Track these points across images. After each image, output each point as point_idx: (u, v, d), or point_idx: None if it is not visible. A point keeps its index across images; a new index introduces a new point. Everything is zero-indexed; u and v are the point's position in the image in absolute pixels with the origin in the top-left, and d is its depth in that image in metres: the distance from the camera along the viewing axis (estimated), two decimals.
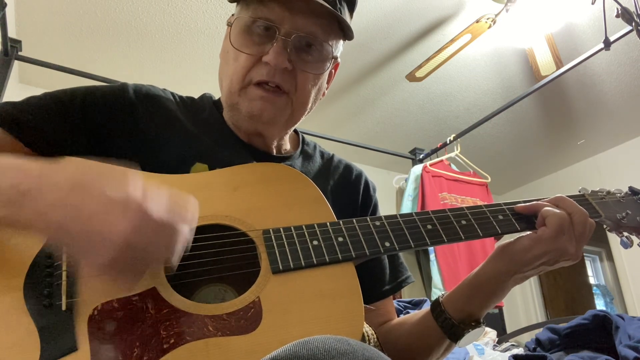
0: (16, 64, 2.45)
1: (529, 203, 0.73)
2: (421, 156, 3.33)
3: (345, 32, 0.79)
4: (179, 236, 0.50)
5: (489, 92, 3.37)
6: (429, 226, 0.68)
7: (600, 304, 4.92)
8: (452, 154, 3.10)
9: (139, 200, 0.48)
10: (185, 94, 0.87)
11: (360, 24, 2.69)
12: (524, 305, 4.66)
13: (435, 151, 3.22)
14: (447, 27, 2.77)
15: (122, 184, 0.48)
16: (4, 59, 2.20)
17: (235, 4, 0.80)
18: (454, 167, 3.17)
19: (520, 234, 0.72)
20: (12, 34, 2.35)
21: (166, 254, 0.49)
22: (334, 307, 0.58)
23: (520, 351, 1.60)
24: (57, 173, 0.49)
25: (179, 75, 3.08)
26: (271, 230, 0.64)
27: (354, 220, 0.67)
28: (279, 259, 0.60)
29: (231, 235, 0.63)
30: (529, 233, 0.69)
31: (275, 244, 0.62)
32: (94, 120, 0.72)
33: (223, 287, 0.66)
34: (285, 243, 0.62)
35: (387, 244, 0.66)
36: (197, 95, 0.89)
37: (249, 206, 0.66)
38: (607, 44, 2.18)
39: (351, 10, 0.82)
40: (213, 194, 0.66)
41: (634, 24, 1.95)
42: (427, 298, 2.02)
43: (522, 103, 3.07)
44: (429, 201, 2.84)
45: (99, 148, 0.71)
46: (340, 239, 0.64)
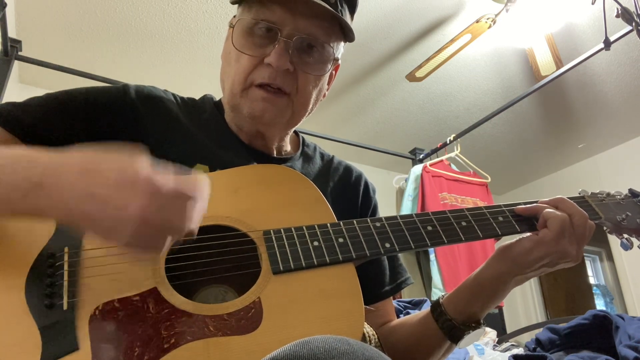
0: (16, 64, 2.45)
1: (529, 205, 0.73)
2: (421, 156, 3.33)
3: (347, 34, 0.79)
4: (192, 203, 0.51)
5: (489, 92, 3.38)
6: (429, 227, 0.69)
7: (600, 304, 4.92)
8: (452, 154, 3.10)
9: (148, 176, 0.48)
10: (186, 94, 0.87)
11: (360, 24, 2.69)
12: (524, 305, 4.66)
13: (435, 151, 3.22)
14: (447, 27, 2.77)
15: (129, 164, 0.49)
16: (4, 59, 2.20)
17: (237, 5, 0.80)
18: (454, 167, 3.17)
19: (520, 236, 0.72)
20: (12, 34, 2.34)
21: (182, 222, 0.50)
22: (335, 307, 0.58)
23: (520, 351, 1.60)
24: (65, 161, 0.50)
25: (178, 75, 3.08)
26: (272, 231, 0.64)
27: (355, 221, 0.67)
28: (279, 259, 0.61)
29: (232, 236, 0.63)
30: (530, 235, 0.69)
31: (275, 244, 0.62)
32: (95, 121, 0.72)
33: (224, 287, 0.66)
34: (286, 244, 0.62)
35: (388, 245, 0.66)
36: (198, 96, 0.89)
37: (250, 207, 0.66)
38: (607, 44, 2.18)
39: (352, 12, 0.82)
40: (214, 195, 0.66)
41: (634, 24, 1.95)
42: (427, 298, 2.02)
43: (522, 103, 3.07)
44: (429, 201, 2.84)
45: None
46: (341, 239, 0.64)
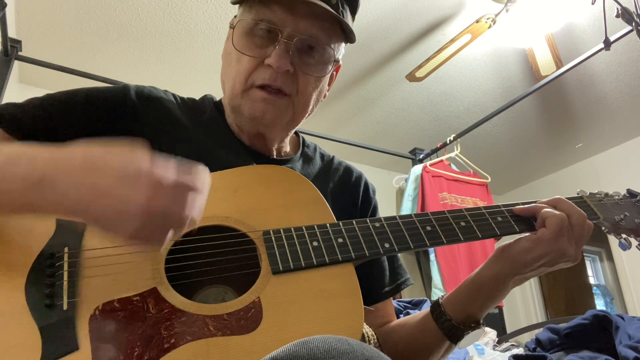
0: (16, 64, 2.45)
1: (527, 205, 0.73)
2: (421, 156, 3.33)
3: (348, 35, 0.79)
4: (193, 194, 0.51)
5: (489, 92, 3.38)
6: (428, 227, 0.69)
7: (600, 304, 4.92)
8: (452, 154, 3.10)
9: (149, 168, 0.49)
10: (186, 94, 0.87)
11: (360, 24, 2.69)
12: (524, 305, 4.66)
13: (435, 151, 3.22)
14: (447, 27, 2.77)
15: (131, 158, 0.50)
16: (4, 59, 2.20)
17: (238, 5, 0.80)
18: (454, 167, 3.17)
19: (519, 236, 0.72)
20: (12, 34, 2.34)
21: (184, 213, 0.50)
22: (334, 307, 0.58)
23: (520, 351, 1.60)
24: (67, 156, 0.50)
25: (178, 75, 3.08)
26: (271, 231, 0.64)
27: (354, 222, 0.67)
28: (279, 259, 0.61)
29: (231, 236, 0.63)
30: (529, 234, 0.69)
31: (275, 244, 0.62)
32: (95, 121, 0.72)
33: (223, 288, 0.66)
34: (286, 244, 0.63)
35: (387, 245, 0.66)
36: (198, 96, 0.89)
37: (249, 207, 0.66)
38: (607, 44, 2.18)
39: (353, 13, 0.82)
40: (213, 195, 0.66)
41: (634, 24, 1.95)
42: (427, 298, 2.02)
43: (522, 103, 3.07)
44: (429, 201, 2.84)
45: None
46: (340, 239, 0.64)
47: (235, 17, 0.81)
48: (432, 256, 2.76)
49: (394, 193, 3.15)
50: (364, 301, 0.75)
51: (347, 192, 0.88)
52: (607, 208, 0.78)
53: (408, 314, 1.68)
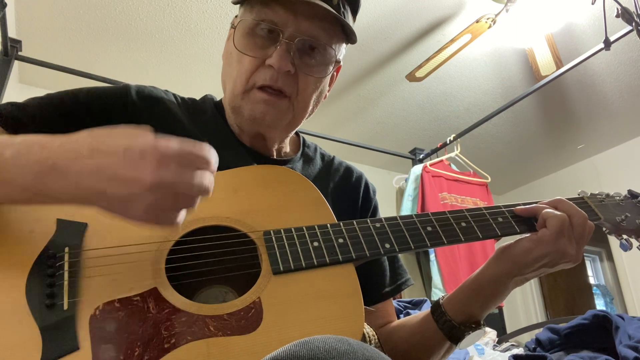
0: (16, 64, 2.45)
1: (528, 205, 0.73)
2: (421, 156, 3.33)
3: (349, 36, 0.79)
4: (201, 161, 0.51)
5: (489, 92, 3.38)
6: (429, 228, 0.69)
7: (600, 304, 4.92)
8: (452, 154, 3.10)
9: (153, 144, 0.49)
10: (186, 94, 0.87)
11: (360, 24, 2.69)
12: (524, 306, 4.66)
13: (435, 151, 3.22)
14: (447, 27, 2.78)
15: (133, 136, 0.50)
16: (4, 59, 2.20)
17: (239, 5, 0.80)
18: (454, 167, 3.17)
19: (519, 236, 0.72)
20: (12, 34, 2.34)
21: (194, 182, 0.50)
22: (334, 307, 0.58)
23: (520, 351, 1.60)
24: (75, 143, 0.51)
25: (179, 75, 3.08)
26: (272, 231, 0.64)
27: (354, 222, 0.67)
28: (279, 260, 0.61)
29: (232, 236, 0.63)
30: (529, 235, 0.69)
31: (275, 245, 0.62)
32: (96, 121, 0.72)
33: (224, 288, 0.66)
34: (286, 244, 0.62)
35: (387, 246, 0.66)
36: (198, 96, 0.89)
37: (250, 208, 0.66)
38: (607, 44, 2.18)
39: (354, 14, 0.82)
40: (214, 195, 0.66)
41: (634, 24, 1.95)
42: (427, 298, 2.02)
43: (522, 103, 3.07)
44: (429, 201, 2.84)
45: None
46: (341, 240, 0.64)
47: (236, 17, 0.81)
48: (432, 256, 2.76)
49: (394, 193, 3.15)
50: (364, 301, 0.75)
51: (347, 193, 0.88)
52: (608, 209, 0.78)
53: (408, 314, 1.68)
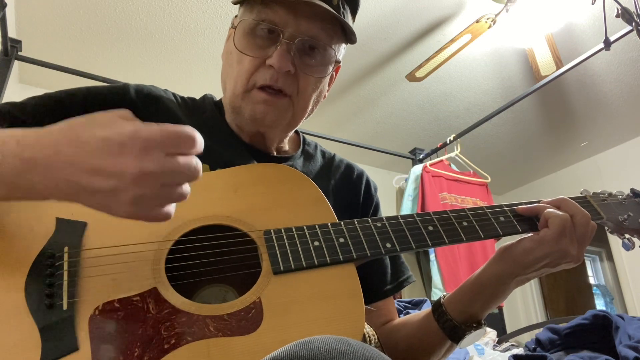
0: (16, 64, 2.45)
1: (530, 204, 0.73)
2: (421, 156, 3.33)
3: (348, 36, 0.79)
4: (186, 144, 0.48)
5: (489, 92, 3.37)
6: (430, 227, 0.68)
7: (600, 304, 4.92)
8: (452, 154, 3.10)
9: (132, 132, 0.46)
10: (186, 94, 0.87)
11: (360, 24, 2.69)
12: (524, 305, 4.66)
13: (435, 151, 3.22)
14: (447, 27, 2.77)
15: (112, 125, 0.48)
16: (4, 59, 2.20)
17: (238, 5, 0.80)
18: (454, 167, 3.17)
19: (521, 236, 0.72)
20: (12, 34, 2.34)
21: (181, 167, 0.47)
22: (335, 307, 0.58)
23: (520, 351, 1.60)
24: (51, 135, 0.48)
25: (178, 75, 3.08)
26: (272, 230, 0.64)
27: (355, 221, 0.67)
28: (280, 259, 0.60)
29: (232, 235, 0.63)
30: (531, 235, 0.69)
31: (276, 244, 0.62)
32: None
33: (224, 287, 0.66)
34: (287, 244, 0.62)
35: (389, 245, 0.65)
36: (198, 96, 0.89)
37: (250, 207, 0.66)
38: (607, 44, 2.18)
39: (353, 14, 0.82)
40: (214, 194, 0.66)
41: (634, 24, 1.95)
42: (427, 298, 2.02)
43: (522, 103, 3.07)
44: (429, 201, 2.84)
45: None
46: (342, 239, 0.64)
47: (236, 16, 0.81)
48: (432, 256, 2.76)
49: (394, 193, 3.15)
50: (366, 299, 0.75)
51: (348, 190, 0.88)
52: (611, 208, 0.78)
53: (408, 313, 1.68)
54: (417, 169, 3.02)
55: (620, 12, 1.93)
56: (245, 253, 0.62)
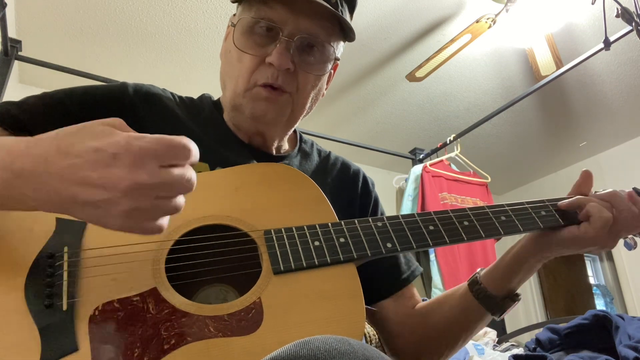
0: (16, 64, 2.45)
1: (572, 198, 0.73)
2: (421, 156, 3.33)
3: (347, 34, 0.79)
4: (181, 154, 0.46)
5: (489, 92, 3.37)
6: (431, 227, 0.68)
7: (600, 304, 4.92)
8: (452, 154, 3.10)
9: (125, 143, 0.45)
10: (185, 94, 0.87)
11: (360, 24, 2.68)
12: (524, 305, 4.65)
13: (435, 151, 3.22)
14: (447, 27, 2.77)
15: (103, 135, 0.46)
16: (4, 59, 2.20)
17: (237, 4, 0.80)
18: (454, 167, 3.17)
19: (521, 235, 0.72)
20: (12, 34, 2.34)
21: (175, 179, 0.46)
22: (335, 307, 0.58)
23: (520, 351, 1.60)
24: (41, 144, 0.47)
25: (178, 75, 3.07)
26: (272, 230, 0.63)
27: (356, 221, 0.67)
28: (280, 259, 0.60)
29: (232, 235, 0.63)
30: (571, 227, 0.70)
31: (276, 244, 0.62)
32: (93, 119, 0.72)
33: (224, 287, 0.66)
34: (287, 243, 0.62)
35: (389, 245, 0.65)
36: (197, 96, 0.89)
37: (250, 206, 0.66)
38: (607, 44, 2.18)
39: (351, 11, 0.82)
40: (214, 194, 0.66)
41: (634, 24, 1.95)
42: (427, 298, 2.02)
43: (522, 103, 3.07)
44: (429, 201, 2.84)
45: None
46: (342, 239, 0.64)
47: (234, 15, 0.81)
48: (432, 256, 2.76)
49: (394, 193, 3.15)
50: (385, 292, 0.76)
51: (345, 187, 0.89)
52: None
53: None
54: (417, 169, 3.02)
55: (620, 12, 1.93)
56: (246, 253, 0.62)
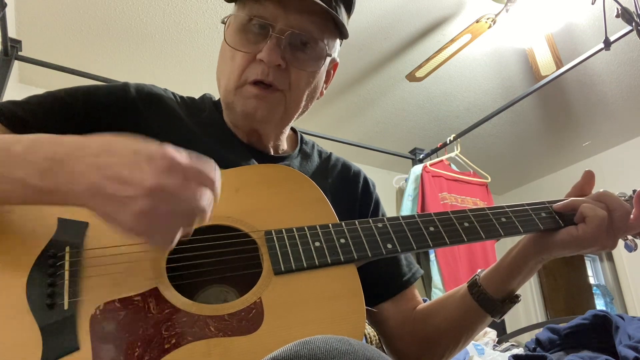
0: (16, 64, 2.45)
1: (566, 200, 0.73)
2: (421, 156, 3.33)
3: (341, 31, 0.79)
4: (207, 180, 0.51)
5: (489, 92, 3.37)
6: (432, 228, 0.68)
7: (600, 304, 4.91)
8: (452, 154, 3.10)
9: (163, 151, 0.49)
10: (185, 94, 0.88)
11: (360, 24, 2.69)
12: (524, 305, 4.65)
13: (435, 151, 3.22)
14: (447, 27, 2.77)
15: (144, 144, 0.51)
16: (4, 59, 2.20)
17: (233, 3, 0.81)
18: (454, 167, 3.17)
19: (521, 236, 0.72)
20: (12, 34, 2.34)
21: (196, 200, 0.49)
22: (336, 308, 0.58)
23: (520, 351, 1.60)
24: (85, 142, 0.51)
25: (178, 75, 3.08)
26: (273, 231, 0.64)
27: (357, 222, 0.67)
28: (280, 260, 0.61)
29: (233, 236, 0.63)
30: (568, 228, 0.70)
31: (277, 245, 0.62)
32: (95, 119, 0.72)
33: (225, 288, 0.66)
34: (287, 244, 0.62)
35: (390, 246, 0.66)
36: (197, 95, 0.89)
37: (251, 207, 0.66)
38: (607, 44, 2.18)
39: (348, 10, 0.82)
40: None
41: (634, 24, 1.95)
42: (427, 298, 2.02)
43: (522, 103, 3.07)
44: (429, 201, 2.84)
45: None
46: (342, 240, 0.64)
47: (230, 15, 0.81)
48: (432, 256, 2.76)
49: (394, 193, 3.16)
50: (387, 293, 0.77)
51: (346, 188, 0.89)
52: None
53: None
54: (417, 169, 3.02)
55: (620, 12, 1.93)
56: (246, 253, 0.62)
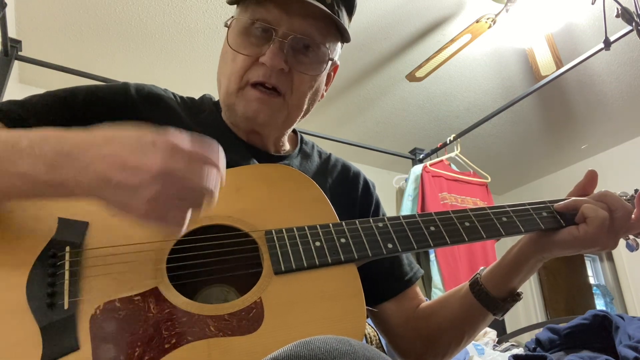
0: (16, 64, 2.45)
1: (567, 200, 0.73)
2: (421, 156, 3.33)
3: (343, 35, 0.79)
4: (210, 165, 0.51)
5: (489, 92, 3.38)
6: (432, 228, 0.68)
7: (600, 304, 4.92)
8: (452, 154, 3.10)
9: (167, 137, 0.50)
10: (185, 94, 0.88)
11: (360, 24, 2.69)
12: (524, 305, 4.65)
13: (435, 151, 3.22)
14: (447, 27, 2.77)
15: (148, 131, 0.51)
16: (4, 59, 2.20)
17: (235, 6, 0.81)
18: (454, 167, 3.17)
19: (521, 236, 0.72)
20: (12, 34, 2.34)
21: (202, 182, 0.50)
22: (336, 308, 0.58)
23: (520, 351, 1.60)
24: (90, 134, 0.52)
25: (178, 75, 3.08)
26: (273, 231, 0.64)
27: (357, 222, 0.67)
28: (281, 259, 0.61)
29: (234, 235, 0.63)
30: (570, 228, 0.70)
31: (277, 244, 0.62)
32: (96, 119, 0.72)
33: (225, 287, 0.66)
34: (288, 244, 0.62)
35: (390, 246, 0.66)
36: (197, 96, 0.90)
37: (251, 207, 0.66)
38: (607, 44, 2.18)
39: (350, 14, 0.82)
40: None
41: (634, 24, 1.95)
42: (427, 298, 2.02)
43: (522, 103, 3.07)
44: (429, 201, 2.84)
45: None
46: (343, 240, 0.64)
47: (232, 17, 0.81)
48: (432, 256, 2.76)
49: (394, 193, 3.15)
50: (390, 293, 0.77)
51: (346, 189, 0.89)
52: None
53: None
54: (417, 169, 3.02)
55: (620, 12, 1.93)
56: (247, 253, 0.62)
